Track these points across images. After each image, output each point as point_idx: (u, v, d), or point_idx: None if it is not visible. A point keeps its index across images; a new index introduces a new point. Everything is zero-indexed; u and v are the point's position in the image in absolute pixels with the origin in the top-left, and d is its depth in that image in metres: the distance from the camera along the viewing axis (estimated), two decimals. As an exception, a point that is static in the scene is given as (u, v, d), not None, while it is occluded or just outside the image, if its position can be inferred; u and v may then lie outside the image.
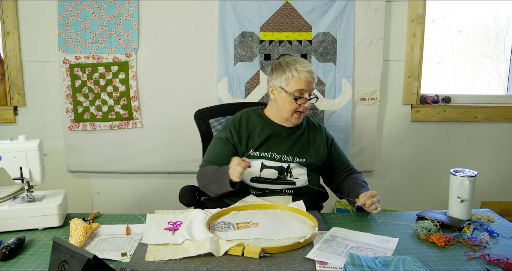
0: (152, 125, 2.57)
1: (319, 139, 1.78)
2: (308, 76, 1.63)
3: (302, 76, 1.63)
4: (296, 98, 1.63)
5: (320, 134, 1.80)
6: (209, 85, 2.53)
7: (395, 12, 2.54)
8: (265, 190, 1.66)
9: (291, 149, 1.71)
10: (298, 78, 1.63)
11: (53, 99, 2.56)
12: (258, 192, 1.66)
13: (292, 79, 1.64)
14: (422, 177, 2.77)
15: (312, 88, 1.67)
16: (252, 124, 1.73)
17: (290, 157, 1.70)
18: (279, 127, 1.73)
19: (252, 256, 1.17)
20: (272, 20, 2.48)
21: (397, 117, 2.68)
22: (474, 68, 2.91)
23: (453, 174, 1.47)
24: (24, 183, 1.46)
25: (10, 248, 1.21)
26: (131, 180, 2.69)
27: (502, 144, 2.75)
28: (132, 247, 1.26)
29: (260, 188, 1.66)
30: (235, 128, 1.71)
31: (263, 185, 1.65)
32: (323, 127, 1.84)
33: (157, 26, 2.47)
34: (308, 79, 1.63)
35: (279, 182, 1.66)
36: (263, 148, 1.69)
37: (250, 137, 1.70)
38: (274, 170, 1.66)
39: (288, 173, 1.67)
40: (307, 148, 1.74)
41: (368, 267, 1.08)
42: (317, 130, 1.80)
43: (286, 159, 1.69)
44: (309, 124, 1.81)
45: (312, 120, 1.85)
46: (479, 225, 1.43)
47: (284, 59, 1.70)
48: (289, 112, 1.67)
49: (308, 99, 1.66)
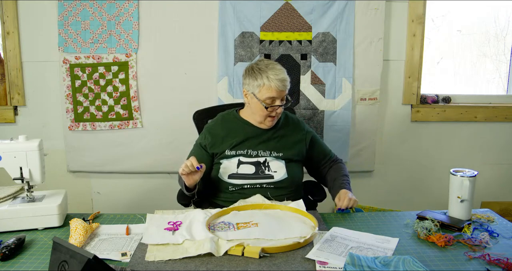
0: (152, 125, 2.57)
1: (297, 134, 1.79)
2: (279, 85, 1.63)
3: (273, 85, 1.63)
4: (267, 107, 1.65)
5: (298, 130, 1.80)
6: (209, 85, 2.53)
7: (395, 12, 2.54)
8: (244, 185, 1.67)
9: (267, 145, 1.72)
10: (269, 86, 1.63)
11: (53, 99, 2.56)
12: (237, 188, 1.68)
13: (263, 87, 1.64)
14: (422, 177, 2.77)
15: (284, 95, 1.67)
16: (228, 126, 1.76)
17: (267, 152, 1.71)
18: (254, 128, 1.75)
19: (252, 256, 1.17)
20: (272, 20, 2.48)
21: (397, 117, 2.68)
22: (474, 68, 2.90)
23: (453, 174, 1.47)
24: (24, 183, 1.46)
25: (10, 248, 1.21)
26: (131, 180, 2.69)
27: (502, 144, 2.75)
28: (132, 247, 1.26)
29: (238, 184, 1.68)
30: (210, 132, 1.76)
31: (241, 180, 1.67)
32: (301, 122, 1.84)
33: (157, 26, 2.47)
34: (279, 88, 1.64)
35: (257, 176, 1.67)
36: (238, 146, 1.71)
37: (225, 138, 1.73)
38: (250, 165, 1.69)
39: (266, 167, 1.69)
40: (284, 143, 1.74)
41: (368, 267, 1.08)
42: (295, 126, 1.81)
43: (262, 154, 1.71)
44: (286, 120, 1.81)
45: (291, 115, 1.85)
46: (479, 225, 1.42)
47: (257, 64, 1.70)
48: (261, 117, 1.70)
49: (280, 105, 1.66)
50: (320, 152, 1.85)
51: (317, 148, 1.84)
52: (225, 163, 1.71)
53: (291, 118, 1.84)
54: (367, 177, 2.74)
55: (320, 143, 1.87)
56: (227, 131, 1.75)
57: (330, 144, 2.56)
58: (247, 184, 1.67)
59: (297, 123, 1.83)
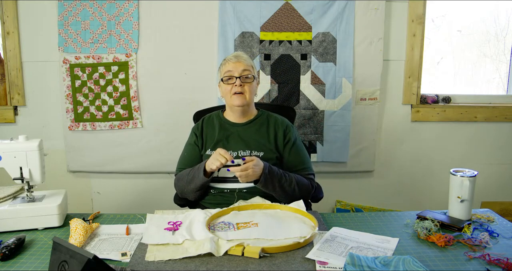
0: (152, 125, 2.57)
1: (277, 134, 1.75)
2: (231, 58, 1.71)
3: (227, 60, 1.73)
4: (225, 80, 1.69)
5: (280, 132, 1.75)
6: (209, 85, 2.53)
7: (395, 12, 2.54)
8: (224, 190, 1.67)
9: (247, 144, 1.72)
10: (224, 63, 1.74)
11: (53, 99, 2.56)
12: (217, 191, 1.68)
13: (222, 67, 1.74)
14: (422, 177, 2.77)
15: (241, 69, 1.69)
16: (210, 126, 1.79)
17: (247, 151, 1.71)
18: (233, 124, 1.77)
19: (252, 256, 1.17)
20: (272, 20, 2.48)
21: (397, 117, 2.68)
22: (474, 68, 2.91)
23: (453, 174, 1.47)
24: (24, 183, 1.46)
25: (10, 248, 1.21)
26: (131, 180, 2.69)
27: (502, 144, 2.75)
28: (132, 247, 1.26)
29: (219, 187, 1.68)
30: (197, 132, 1.80)
31: (221, 184, 1.67)
32: (285, 125, 1.77)
33: (157, 26, 2.47)
34: (232, 60, 1.70)
35: (236, 180, 1.60)
36: (218, 146, 1.71)
37: (208, 138, 1.76)
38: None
39: None
40: (264, 141, 1.72)
41: (368, 267, 1.08)
42: (277, 127, 1.76)
43: (242, 154, 1.70)
44: (269, 120, 1.79)
45: (277, 117, 1.81)
46: (479, 225, 1.42)
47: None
48: (228, 97, 1.72)
49: (237, 77, 1.68)
50: (294, 159, 1.74)
51: (293, 154, 1.74)
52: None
53: (275, 119, 1.79)
54: (367, 177, 2.74)
55: (299, 151, 1.76)
56: (209, 130, 1.78)
57: (330, 144, 2.58)
58: (227, 189, 1.67)
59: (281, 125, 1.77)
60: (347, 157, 2.61)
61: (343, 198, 2.73)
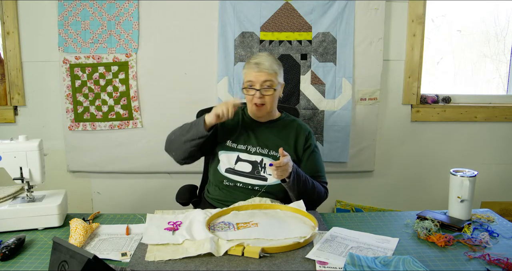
0: (152, 125, 2.57)
1: (298, 138, 1.75)
2: (253, 67, 1.65)
3: (249, 66, 1.67)
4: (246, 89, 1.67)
5: (302, 136, 1.76)
6: (209, 85, 2.53)
7: (395, 12, 2.54)
8: (237, 183, 1.68)
9: (267, 142, 1.73)
10: (246, 70, 1.69)
11: (53, 99, 2.56)
12: (231, 183, 1.69)
13: (244, 73, 1.71)
14: (422, 177, 2.77)
15: (262, 80, 1.64)
16: (234, 118, 1.76)
17: (266, 149, 1.72)
18: (255, 121, 1.78)
19: (252, 256, 1.17)
20: (272, 20, 2.48)
21: (397, 117, 2.68)
22: (474, 68, 2.91)
23: (453, 174, 1.47)
24: (24, 183, 1.46)
25: (10, 248, 1.21)
26: (131, 180, 2.69)
27: (502, 144, 2.75)
28: (132, 247, 1.26)
29: (233, 179, 1.69)
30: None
31: (237, 177, 1.69)
32: (307, 131, 1.78)
33: (157, 26, 2.47)
34: (254, 69, 1.64)
35: (252, 176, 1.68)
36: (240, 140, 1.73)
37: (230, 129, 1.76)
38: (248, 163, 1.70)
39: (262, 168, 1.69)
40: (283, 144, 1.71)
41: (368, 267, 1.08)
42: (299, 131, 1.77)
43: (261, 151, 1.71)
44: (292, 124, 1.79)
45: (299, 122, 1.81)
46: (479, 225, 1.42)
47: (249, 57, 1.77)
48: (250, 105, 1.72)
49: (257, 90, 1.64)
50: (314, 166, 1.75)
51: (309, 161, 1.75)
52: (224, 156, 1.72)
53: (298, 124, 1.79)
54: (367, 177, 2.74)
55: (316, 160, 1.77)
56: (232, 123, 1.77)
57: (330, 144, 2.58)
58: (241, 182, 1.68)
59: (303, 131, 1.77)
60: (347, 157, 2.61)
61: (343, 198, 2.73)
